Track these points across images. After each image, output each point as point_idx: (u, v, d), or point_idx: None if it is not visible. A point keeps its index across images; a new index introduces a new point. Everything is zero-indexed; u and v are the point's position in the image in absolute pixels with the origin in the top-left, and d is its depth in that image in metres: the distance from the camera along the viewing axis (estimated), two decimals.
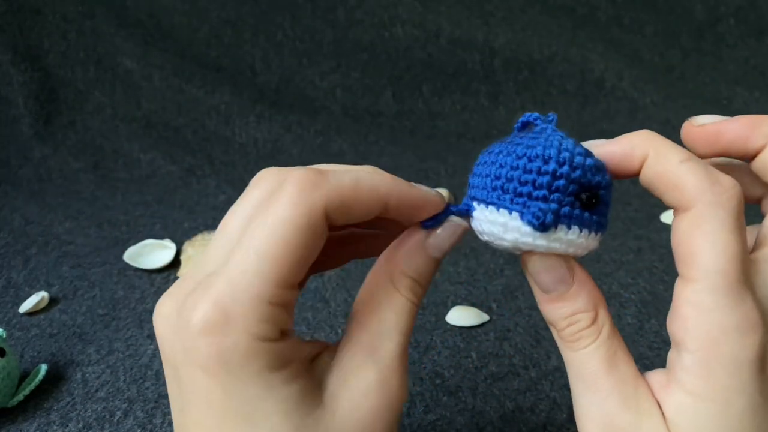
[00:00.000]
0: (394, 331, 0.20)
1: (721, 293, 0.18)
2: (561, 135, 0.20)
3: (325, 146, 0.83)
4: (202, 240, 0.55)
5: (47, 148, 0.81)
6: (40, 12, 0.92)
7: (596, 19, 0.97)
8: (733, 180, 0.19)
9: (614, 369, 0.20)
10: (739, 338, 0.18)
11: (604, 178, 0.19)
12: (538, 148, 0.19)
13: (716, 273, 0.18)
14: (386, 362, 0.20)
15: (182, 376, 0.19)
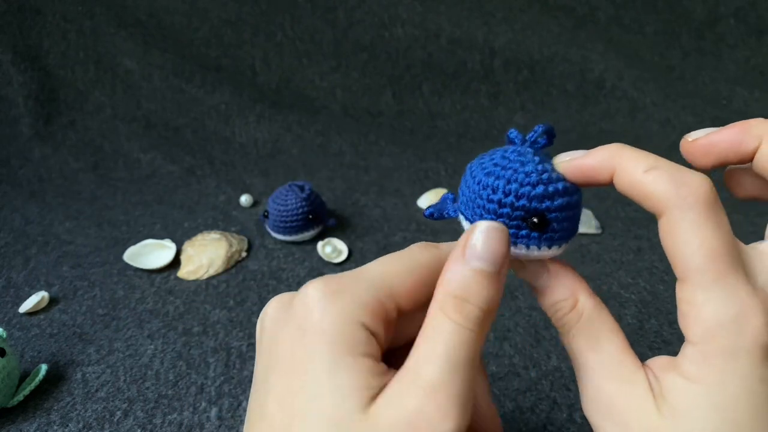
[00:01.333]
0: (436, 357, 0.19)
1: (710, 288, 0.19)
2: (523, 159, 0.21)
3: (325, 146, 0.83)
4: (202, 240, 0.55)
5: (47, 148, 0.81)
6: (40, 12, 0.92)
7: (596, 19, 0.97)
8: (701, 176, 0.19)
9: (598, 347, 0.21)
10: (735, 327, 0.18)
11: (554, 202, 0.21)
12: (491, 178, 0.21)
13: (698, 271, 0.19)
14: (426, 390, 0.19)
15: (283, 339, 0.21)
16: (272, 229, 0.55)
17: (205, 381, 0.38)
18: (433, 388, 0.19)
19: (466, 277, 0.20)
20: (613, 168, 0.21)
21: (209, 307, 0.47)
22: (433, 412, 0.19)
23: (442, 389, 0.19)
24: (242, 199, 0.65)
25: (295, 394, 0.20)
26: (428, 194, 0.65)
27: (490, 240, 0.20)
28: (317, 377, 0.19)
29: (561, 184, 0.21)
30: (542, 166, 0.21)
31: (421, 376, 0.19)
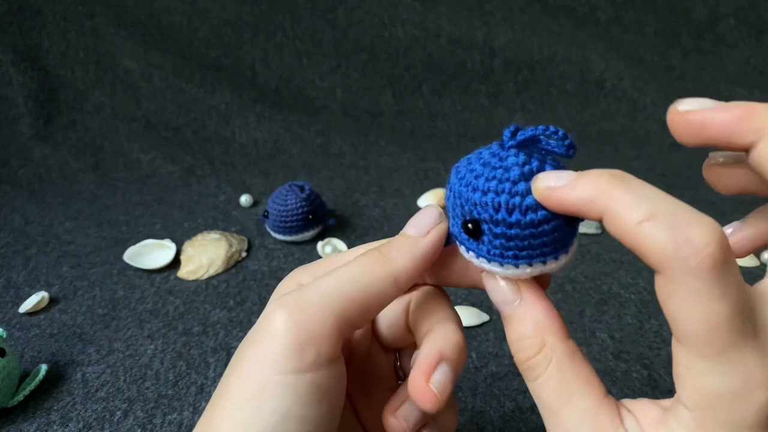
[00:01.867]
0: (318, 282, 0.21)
1: (712, 359, 0.16)
2: (489, 163, 0.19)
3: (325, 146, 0.83)
4: (202, 240, 0.55)
5: (47, 148, 0.81)
6: (40, 12, 0.92)
7: (596, 19, 0.97)
8: (708, 229, 0.16)
9: (569, 403, 0.18)
10: (738, 403, 0.16)
11: (497, 214, 0.18)
12: (452, 180, 0.21)
13: (700, 341, 0.16)
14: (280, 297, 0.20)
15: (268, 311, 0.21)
16: (272, 229, 0.55)
17: (205, 381, 0.38)
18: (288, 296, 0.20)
19: (393, 238, 0.22)
20: (601, 214, 0.17)
21: (209, 307, 0.47)
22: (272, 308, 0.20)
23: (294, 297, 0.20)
24: (242, 199, 0.65)
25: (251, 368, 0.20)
26: (428, 194, 0.65)
27: (421, 213, 0.22)
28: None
29: (518, 199, 0.18)
30: (513, 173, 0.19)
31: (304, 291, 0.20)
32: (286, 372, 0.19)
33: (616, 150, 0.80)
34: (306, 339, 0.19)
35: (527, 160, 0.19)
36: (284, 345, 0.19)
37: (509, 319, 0.20)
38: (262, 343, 0.19)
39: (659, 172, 0.71)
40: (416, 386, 0.20)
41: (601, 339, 0.41)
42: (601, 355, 0.39)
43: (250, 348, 0.20)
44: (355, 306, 0.20)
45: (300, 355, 0.19)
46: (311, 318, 0.19)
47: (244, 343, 0.20)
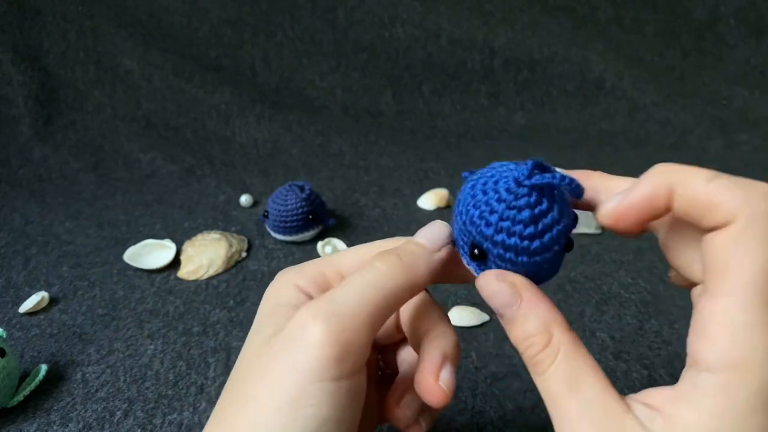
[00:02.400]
0: (340, 286, 0.22)
1: (758, 309, 0.16)
2: (504, 200, 0.21)
3: (325, 146, 0.83)
4: (202, 240, 0.55)
5: (47, 148, 0.81)
6: (40, 12, 0.92)
7: (596, 19, 0.97)
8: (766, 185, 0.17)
9: (578, 391, 0.19)
10: (764, 354, 0.16)
11: (505, 253, 0.21)
12: (466, 198, 0.22)
13: (755, 287, 0.16)
14: (311, 305, 0.21)
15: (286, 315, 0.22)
16: (272, 229, 0.55)
17: (205, 381, 0.38)
18: (319, 303, 0.20)
19: (402, 244, 0.23)
20: (671, 188, 0.18)
21: (209, 307, 0.47)
22: (308, 320, 0.20)
23: (327, 305, 0.20)
24: (242, 199, 0.65)
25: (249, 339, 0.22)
26: (428, 194, 0.65)
27: (433, 227, 0.23)
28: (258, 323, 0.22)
29: (527, 243, 0.20)
30: (524, 215, 0.20)
31: (318, 298, 0.21)
32: (324, 380, 0.19)
33: (616, 150, 0.80)
34: (346, 350, 0.20)
35: (539, 200, 0.20)
36: (324, 355, 0.19)
37: (512, 320, 0.20)
38: (297, 352, 0.20)
39: None
40: (427, 385, 0.22)
41: (601, 339, 0.41)
42: (601, 355, 0.39)
43: (281, 356, 0.20)
44: (383, 314, 0.21)
45: (340, 365, 0.19)
46: (349, 329, 0.20)
47: (271, 350, 0.20)
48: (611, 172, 0.22)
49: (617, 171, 0.23)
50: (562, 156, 0.78)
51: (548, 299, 0.20)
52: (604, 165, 0.85)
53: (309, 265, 0.24)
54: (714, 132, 0.81)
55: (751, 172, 0.79)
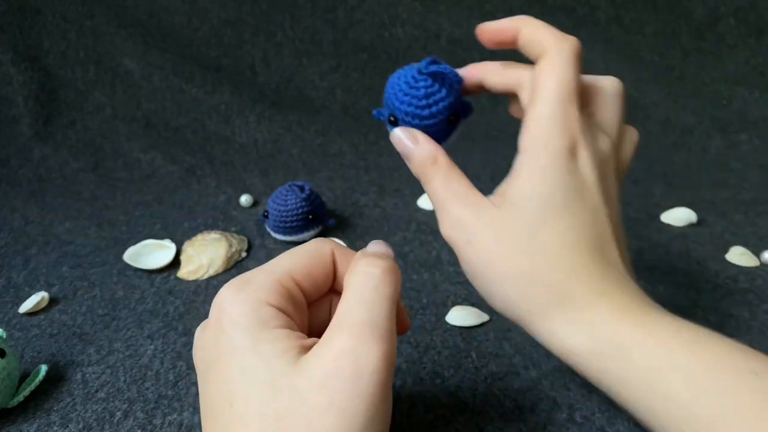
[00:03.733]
0: (356, 303, 0.23)
1: (557, 107, 0.27)
2: (408, 83, 0.34)
3: (325, 146, 0.83)
4: (202, 240, 0.55)
5: (47, 148, 0.81)
6: (40, 12, 0.92)
7: (596, 19, 0.97)
8: (575, 38, 0.28)
9: (450, 186, 0.30)
10: (559, 131, 0.27)
11: (406, 117, 0.33)
12: (387, 88, 0.36)
13: (555, 94, 0.27)
14: (351, 329, 0.22)
15: (210, 342, 0.24)
16: (272, 229, 0.55)
17: None
18: (358, 326, 0.22)
19: (366, 255, 0.26)
20: (519, 28, 0.31)
21: (209, 307, 0.46)
22: (356, 345, 0.21)
23: (366, 324, 0.22)
24: (242, 199, 0.65)
25: (229, 377, 0.22)
26: None
27: (377, 245, 0.28)
28: (242, 355, 0.22)
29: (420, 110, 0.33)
30: (420, 92, 0.33)
31: (345, 321, 0.22)
32: (385, 398, 0.22)
33: None
34: (393, 363, 0.23)
35: (431, 84, 0.32)
36: (385, 378, 0.22)
37: (412, 153, 0.31)
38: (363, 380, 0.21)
39: (659, 172, 0.71)
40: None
41: None
42: None
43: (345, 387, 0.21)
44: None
45: (391, 377, 0.23)
46: (392, 345, 0.23)
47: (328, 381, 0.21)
48: None
49: None
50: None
51: (435, 143, 0.31)
52: None
53: (261, 280, 0.24)
54: (714, 132, 0.81)
55: (751, 172, 0.79)
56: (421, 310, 0.45)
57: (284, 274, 0.24)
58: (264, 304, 0.23)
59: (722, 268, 0.49)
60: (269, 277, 0.24)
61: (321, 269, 0.26)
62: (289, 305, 0.24)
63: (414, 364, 0.39)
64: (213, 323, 0.24)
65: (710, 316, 0.43)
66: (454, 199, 0.30)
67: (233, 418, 0.21)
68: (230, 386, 0.22)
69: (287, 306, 0.24)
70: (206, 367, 0.23)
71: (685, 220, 0.57)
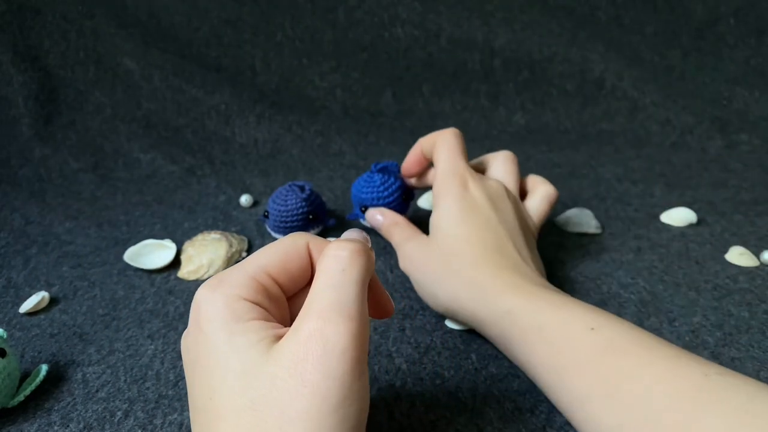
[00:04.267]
0: (322, 288, 0.23)
1: (448, 161, 0.44)
2: (367, 181, 0.52)
3: (325, 146, 0.83)
4: (202, 240, 0.55)
5: (47, 148, 0.81)
6: (40, 12, 0.92)
7: (596, 19, 0.97)
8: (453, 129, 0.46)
9: (404, 234, 0.45)
10: (453, 175, 0.42)
11: (372, 202, 0.51)
12: (352, 189, 0.54)
13: (445, 154, 0.44)
14: (317, 313, 0.22)
15: (191, 342, 0.24)
16: (272, 229, 0.55)
17: None
18: (323, 309, 0.22)
19: (336, 241, 0.26)
20: (420, 146, 0.47)
21: None
22: (324, 326, 0.22)
23: (332, 310, 0.22)
24: (242, 199, 0.65)
25: (208, 373, 0.22)
26: (428, 194, 0.65)
27: (351, 232, 0.28)
28: (218, 350, 0.22)
29: (382, 198, 0.51)
30: (376, 183, 0.51)
31: (313, 306, 0.23)
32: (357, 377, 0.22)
33: (616, 150, 0.80)
34: (365, 348, 0.23)
35: (382, 177, 0.51)
36: (354, 357, 0.22)
37: (380, 221, 0.48)
38: (331, 359, 0.22)
39: (659, 172, 0.71)
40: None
41: None
42: None
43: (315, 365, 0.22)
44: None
45: (364, 363, 0.23)
46: (363, 324, 0.24)
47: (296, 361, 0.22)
48: (611, 171, 0.26)
49: (617, 171, 0.25)
50: (562, 156, 0.78)
51: (397, 215, 0.48)
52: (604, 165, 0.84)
53: (235, 276, 0.24)
54: (714, 132, 0.81)
55: (751, 172, 0.79)
56: (421, 311, 0.45)
57: (258, 269, 0.25)
58: (238, 299, 0.23)
59: (722, 268, 0.49)
60: (243, 273, 0.24)
61: (296, 263, 0.26)
62: (265, 299, 0.24)
63: (414, 365, 0.39)
64: (192, 324, 0.24)
65: (710, 316, 0.43)
66: (405, 241, 0.44)
67: (212, 412, 0.22)
68: (209, 382, 0.22)
69: (263, 300, 0.24)
70: (191, 368, 0.24)
71: (685, 220, 0.57)
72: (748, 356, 0.38)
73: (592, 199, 0.64)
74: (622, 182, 0.68)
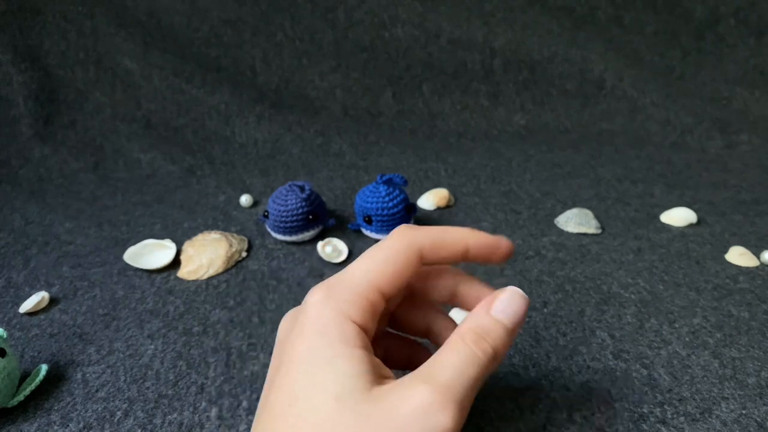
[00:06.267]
0: (451, 367, 0.22)
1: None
2: (372, 191, 0.54)
3: (325, 146, 0.83)
4: (202, 240, 0.55)
5: (47, 148, 0.81)
6: (40, 12, 0.92)
7: (596, 19, 0.97)
8: None
9: None
10: None
11: (376, 212, 0.53)
12: (357, 200, 0.55)
13: None
14: (436, 386, 0.22)
15: (288, 341, 0.24)
16: (272, 229, 0.55)
17: (205, 381, 0.38)
18: (444, 388, 0.22)
19: (489, 323, 0.24)
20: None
21: (209, 307, 0.47)
22: (437, 405, 0.21)
23: (451, 391, 0.22)
24: (242, 199, 0.65)
25: (296, 379, 0.22)
26: (428, 194, 0.65)
27: (514, 304, 0.25)
28: (316, 364, 0.22)
29: (386, 208, 0.52)
30: (381, 194, 0.53)
31: (434, 377, 0.22)
32: None
33: (616, 150, 0.80)
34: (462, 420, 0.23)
35: (387, 188, 0.52)
36: None
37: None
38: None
39: (659, 172, 0.71)
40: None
41: (600, 338, 0.41)
42: (601, 355, 0.39)
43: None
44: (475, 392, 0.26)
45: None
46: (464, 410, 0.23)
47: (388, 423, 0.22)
48: (611, 171, 0.25)
49: (617, 171, 0.25)
50: (562, 156, 0.78)
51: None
52: (604, 165, 0.84)
53: (350, 289, 0.24)
54: (714, 132, 0.81)
55: (751, 172, 0.79)
56: None
57: (370, 286, 0.24)
58: (347, 320, 0.23)
59: (722, 268, 0.49)
60: (356, 289, 0.24)
61: (408, 274, 0.25)
62: (371, 321, 0.24)
63: None
64: (299, 324, 0.24)
65: (710, 316, 0.43)
66: None
67: (288, 417, 0.22)
68: (293, 388, 0.22)
69: (368, 321, 0.24)
70: (280, 361, 0.24)
71: (685, 220, 0.57)
72: (749, 356, 0.38)
73: (592, 199, 0.64)
74: (622, 182, 0.68)
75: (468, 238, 0.26)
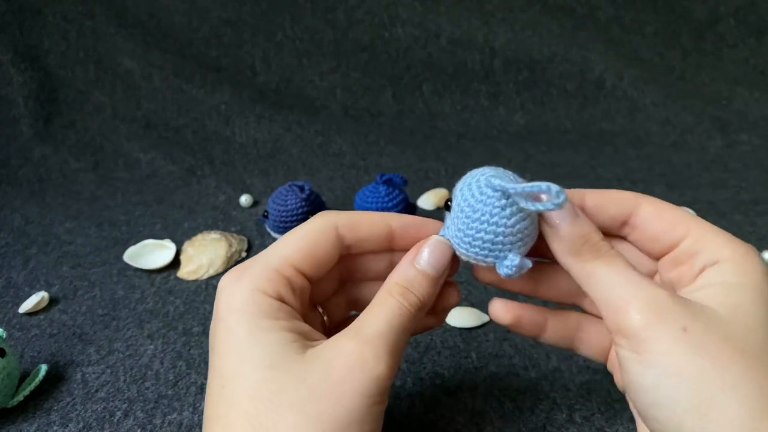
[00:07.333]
0: (378, 320, 0.23)
1: None
2: (372, 191, 0.54)
3: (325, 146, 0.83)
4: (202, 240, 0.55)
5: (47, 148, 0.81)
6: (40, 12, 0.92)
7: (596, 19, 0.97)
8: None
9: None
10: None
11: (377, 205, 0.53)
12: (356, 200, 0.54)
13: None
14: (365, 339, 0.23)
15: (212, 325, 0.25)
16: (272, 229, 0.55)
17: (205, 381, 0.38)
18: (373, 339, 0.23)
19: (415, 275, 0.25)
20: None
21: (209, 307, 0.47)
22: (368, 355, 0.22)
23: (380, 341, 0.23)
24: (242, 199, 0.65)
25: (224, 362, 0.23)
26: (428, 194, 0.65)
27: (437, 252, 0.26)
28: (239, 341, 0.23)
29: (385, 205, 0.53)
30: (381, 194, 0.54)
31: (362, 330, 0.23)
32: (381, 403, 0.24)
33: (616, 150, 0.80)
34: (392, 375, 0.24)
35: (387, 188, 0.52)
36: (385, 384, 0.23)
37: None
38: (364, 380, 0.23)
39: (659, 172, 0.71)
40: None
41: None
42: None
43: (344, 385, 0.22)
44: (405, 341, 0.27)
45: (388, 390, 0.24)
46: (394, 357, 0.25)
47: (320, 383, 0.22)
48: (611, 171, 0.25)
49: (617, 171, 0.24)
50: (562, 156, 0.78)
51: None
52: (604, 165, 0.84)
53: (262, 266, 0.24)
54: (714, 132, 0.81)
55: (751, 172, 0.79)
56: None
57: (283, 261, 0.25)
58: (262, 295, 0.23)
59: None
60: (269, 266, 0.24)
61: (323, 249, 0.26)
62: (289, 293, 0.24)
63: (414, 364, 0.39)
64: (214, 309, 0.25)
65: None
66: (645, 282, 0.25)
67: (224, 400, 0.22)
68: (224, 371, 0.22)
69: (286, 294, 0.24)
70: (210, 354, 0.24)
71: None
72: None
73: None
74: (622, 182, 0.68)
75: (391, 219, 0.27)
